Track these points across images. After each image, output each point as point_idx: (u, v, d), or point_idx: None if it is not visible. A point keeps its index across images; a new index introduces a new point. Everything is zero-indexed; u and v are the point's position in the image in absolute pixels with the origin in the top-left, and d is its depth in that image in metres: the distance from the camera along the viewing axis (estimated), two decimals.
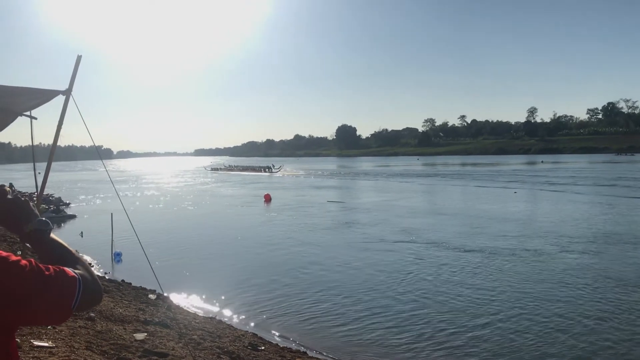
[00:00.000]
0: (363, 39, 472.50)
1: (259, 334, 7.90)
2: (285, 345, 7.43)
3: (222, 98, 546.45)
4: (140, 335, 6.46)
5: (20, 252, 10.41)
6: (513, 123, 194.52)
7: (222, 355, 6.29)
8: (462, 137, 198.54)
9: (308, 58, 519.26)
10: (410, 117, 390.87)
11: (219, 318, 8.75)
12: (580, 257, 13.03)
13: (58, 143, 4.27)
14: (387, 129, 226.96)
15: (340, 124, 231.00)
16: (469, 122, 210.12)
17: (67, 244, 1.46)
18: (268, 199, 29.93)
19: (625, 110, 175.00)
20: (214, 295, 10.17)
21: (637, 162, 76.89)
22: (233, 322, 8.71)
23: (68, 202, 29.56)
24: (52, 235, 1.45)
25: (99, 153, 6.91)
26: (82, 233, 18.17)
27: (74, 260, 1.38)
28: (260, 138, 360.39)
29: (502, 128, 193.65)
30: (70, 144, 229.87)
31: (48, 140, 4.72)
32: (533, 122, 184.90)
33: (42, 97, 3.96)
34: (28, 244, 1.48)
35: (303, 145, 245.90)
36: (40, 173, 4.28)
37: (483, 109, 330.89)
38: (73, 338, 5.77)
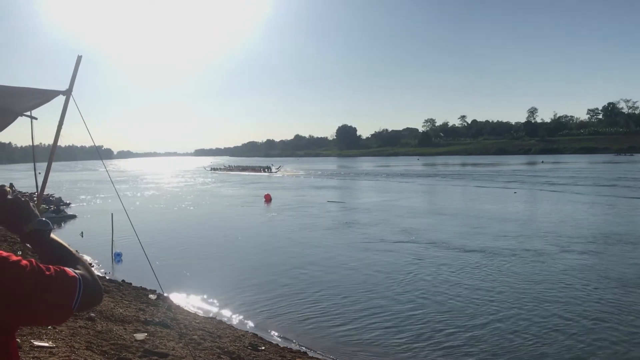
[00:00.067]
0: (363, 39, 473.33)
1: (259, 334, 7.91)
2: (286, 346, 7.44)
3: (222, 98, 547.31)
4: (141, 336, 6.47)
5: (21, 252, 10.41)
6: (513, 123, 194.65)
7: (222, 356, 6.30)
8: (462, 137, 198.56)
9: (308, 58, 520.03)
10: (411, 117, 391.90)
11: (219, 318, 8.76)
12: (580, 257, 13.03)
13: (58, 143, 4.28)
14: (387, 129, 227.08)
15: (341, 124, 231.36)
16: (469, 122, 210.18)
17: (67, 244, 1.46)
18: (268, 199, 29.93)
19: (626, 111, 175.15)
20: (214, 295, 10.18)
21: (636, 162, 76.89)
22: (233, 322, 8.72)
23: (68, 202, 29.58)
24: (52, 236, 1.45)
25: (99, 153, 6.91)
26: (82, 233, 18.19)
27: (74, 261, 1.38)
28: (261, 138, 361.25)
29: (502, 128, 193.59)
30: (71, 144, 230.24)
31: (48, 141, 4.73)
32: (533, 122, 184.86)
33: (42, 97, 3.96)
34: (28, 244, 1.48)
35: (303, 146, 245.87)
36: (41, 173, 4.28)
37: (483, 109, 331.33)
38: (73, 338, 5.77)
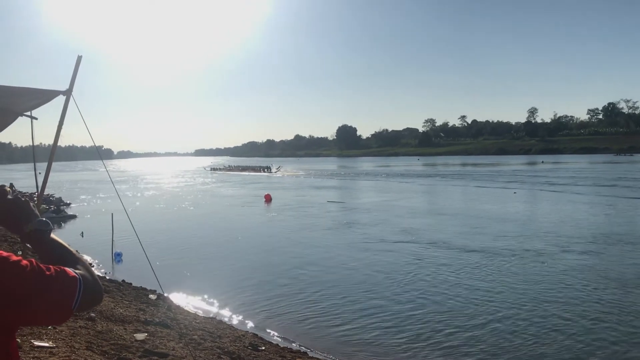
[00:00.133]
0: (363, 39, 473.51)
1: (260, 334, 7.91)
2: (286, 346, 7.44)
3: (222, 98, 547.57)
4: (141, 336, 6.47)
5: (21, 252, 10.40)
6: (513, 123, 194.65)
7: (222, 356, 6.30)
8: (462, 137, 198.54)
9: (308, 58, 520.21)
10: (411, 117, 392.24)
11: (220, 318, 8.76)
12: (580, 257, 13.02)
13: (58, 143, 4.28)
14: (387, 129, 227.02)
15: (341, 124, 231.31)
16: (470, 122, 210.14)
17: (67, 244, 1.46)
18: (268, 199, 29.92)
19: (626, 111, 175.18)
20: (215, 295, 10.18)
21: (636, 162, 76.90)
22: (233, 322, 8.72)
23: (68, 202, 29.58)
24: (52, 236, 1.45)
25: (100, 153, 6.91)
26: (82, 233, 18.19)
27: (75, 261, 1.38)
28: (261, 138, 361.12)
29: (502, 128, 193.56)
30: (71, 144, 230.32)
31: (48, 141, 4.73)
32: (533, 122, 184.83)
33: (42, 97, 3.96)
34: (28, 244, 1.48)
35: (303, 146, 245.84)
36: (41, 173, 4.28)
37: (483, 109, 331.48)
38: (73, 338, 5.77)
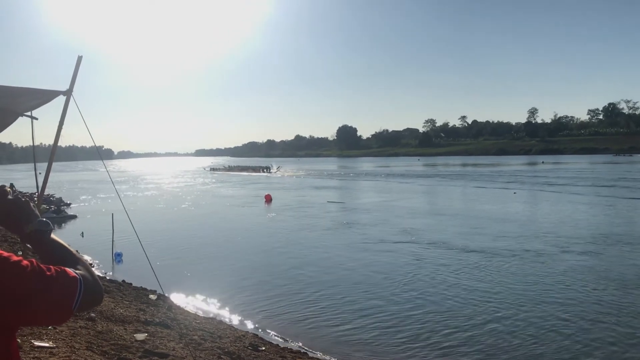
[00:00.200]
0: (363, 39, 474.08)
1: (260, 335, 7.91)
2: (286, 346, 7.44)
3: (222, 98, 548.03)
4: (141, 336, 6.47)
5: (21, 252, 10.40)
6: (514, 124, 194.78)
7: (222, 356, 6.29)
8: (462, 137, 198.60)
9: (308, 58, 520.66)
10: (411, 117, 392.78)
11: (220, 318, 8.76)
12: (579, 258, 13.02)
13: (59, 143, 4.29)
14: (387, 130, 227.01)
15: (341, 125, 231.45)
16: (470, 122, 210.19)
17: (67, 245, 1.46)
18: (269, 200, 29.92)
19: (626, 111, 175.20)
20: (215, 296, 10.18)
21: (636, 162, 76.89)
22: (234, 322, 8.71)
23: (69, 202, 29.57)
24: (52, 236, 1.45)
25: (100, 153, 6.93)
26: (82, 233, 18.19)
27: (75, 261, 1.38)
28: (261, 138, 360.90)
29: (502, 129, 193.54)
30: (71, 144, 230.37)
31: (49, 141, 4.73)
32: (534, 122, 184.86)
33: (42, 97, 3.96)
34: (29, 245, 1.48)
35: (304, 146, 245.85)
36: (41, 173, 4.29)
37: (483, 109, 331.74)
38: (74, 338, 5.77)
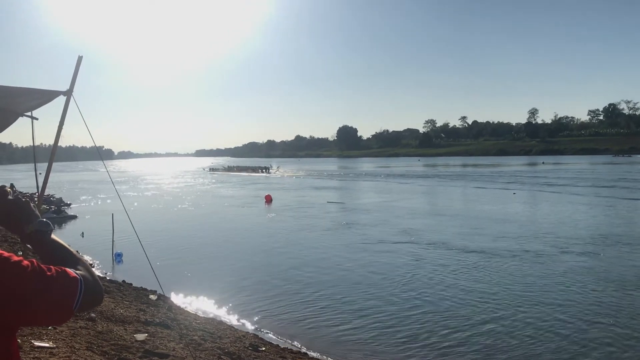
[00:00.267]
0: (363, 39, 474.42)
1: (260, 335, 7.91)
2: (286, 346, 7.44)
3: (222, 98, 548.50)
4: (141, 336, 6.47)
5: (22, 253, 10.41)
6: (514, 124, 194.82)
7: (222, 356, 6.29)
8: (463, 138, 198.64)
9: (308, 58, 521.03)
10: (411, 117, 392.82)
11: (220, 319, 8.76)
12: (579, 258, 13.01)
13: (59, 143, 4.28)
14: (388, 130, 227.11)
15: (341, 125, 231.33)
16: (470, 123, 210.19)
17: (67, 245, 1.46)
18: (269, 200, 29.91)
19: (627, 112, 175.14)
20: (215, 296, 10.17)
21: (635, 163, 76.88)
22: (234, 322, 8.71)
23: (69, 202, 29.57)
24: (53, 236, 1.45)
25: (100, 153, 6.94)
26: (83, 233, 18.19)
27: (75, 261, 1.38)
28: (261, 139, 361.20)
29: (503, 129, 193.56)
30: (71, 145, 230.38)
31: (49, 141, 4.73)
32: (534, 123, 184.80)
33: (43, 97, 3.96)
34: (29, 245, 1.48)
35: (304, 146, 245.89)
36: (41, 173, 4.29)
37: (484, 110, 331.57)
38: (74, 338, 5.77)
